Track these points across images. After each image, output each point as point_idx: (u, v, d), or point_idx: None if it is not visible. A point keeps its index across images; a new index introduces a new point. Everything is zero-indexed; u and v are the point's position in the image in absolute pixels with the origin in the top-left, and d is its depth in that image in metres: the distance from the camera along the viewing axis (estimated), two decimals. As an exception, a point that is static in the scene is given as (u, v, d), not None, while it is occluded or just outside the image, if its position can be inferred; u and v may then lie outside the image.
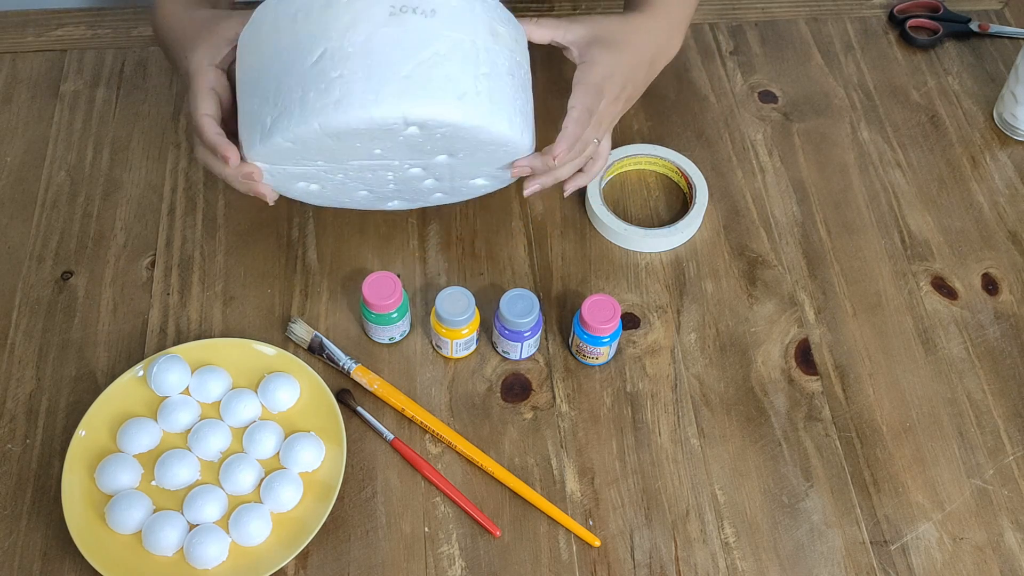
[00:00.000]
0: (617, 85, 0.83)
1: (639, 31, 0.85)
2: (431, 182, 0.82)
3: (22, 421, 0.83)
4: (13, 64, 1.06)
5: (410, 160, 0.77)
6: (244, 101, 0.75)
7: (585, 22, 0.83)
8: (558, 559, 0.77)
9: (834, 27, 1.13)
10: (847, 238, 0.95)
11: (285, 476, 0.78)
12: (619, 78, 0.83)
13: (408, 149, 0.75)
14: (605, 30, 0.83)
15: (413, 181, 0.81)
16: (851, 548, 0.78)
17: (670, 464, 0.82)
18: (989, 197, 0.99)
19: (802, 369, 0.87)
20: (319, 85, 0.70)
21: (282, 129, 0.71)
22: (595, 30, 0.83)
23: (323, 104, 0.69)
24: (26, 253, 0.92)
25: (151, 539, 0.75)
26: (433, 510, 0.79)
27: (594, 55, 0.82)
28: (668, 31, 0.89)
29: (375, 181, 0.81)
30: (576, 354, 0.86)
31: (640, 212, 0.97)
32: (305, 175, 0.78)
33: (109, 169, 0.98)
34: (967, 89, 1.08)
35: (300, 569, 0.76)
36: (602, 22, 0.84)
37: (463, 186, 0.84)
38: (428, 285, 0.91)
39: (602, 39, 0.82)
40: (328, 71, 0.70)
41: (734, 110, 1.05)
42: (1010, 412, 0.85)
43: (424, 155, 0.76)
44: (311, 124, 0.70)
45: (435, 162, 0.78)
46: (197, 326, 0.88)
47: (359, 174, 0.79)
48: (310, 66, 0.70)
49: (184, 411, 0.81)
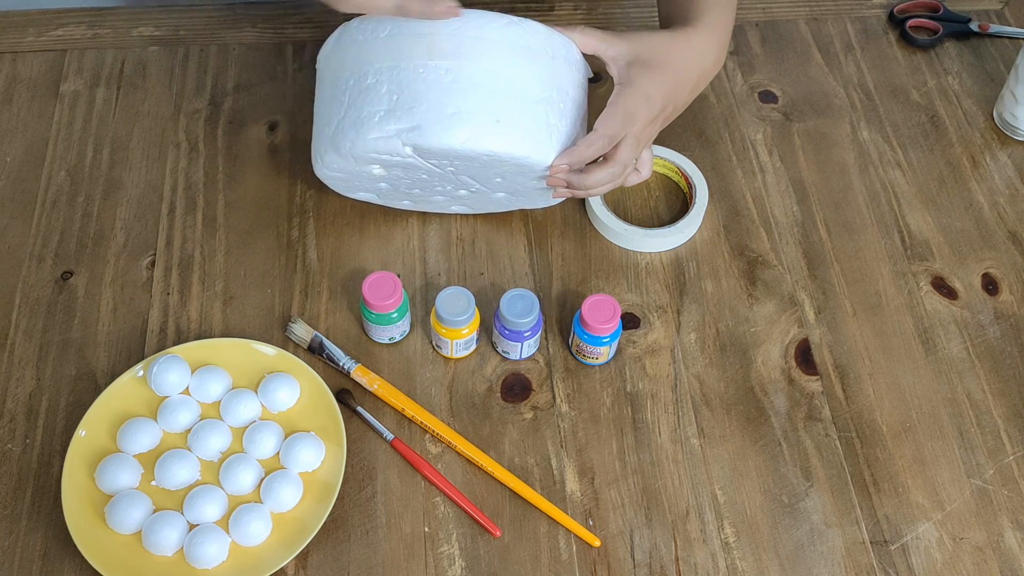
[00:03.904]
0: (656, 107, 0.81)
1: (685, 49, 0.83)
2: (466, 192, 0.90)
3: (22, 421, 0.83)
4: (13, 64, 1.06)
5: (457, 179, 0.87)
6: (368, 98, 0.81)
7: (629, 39, 0.82)
8: (558, 559, 0.77)
9: (834, 27, 1.13)
10: (847, 238, 0.95)
11: (285, 476, 0.78)
12: (658, 100, 0.81)
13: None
14: (648, 49, 0.81)
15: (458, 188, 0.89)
16: (851, 548, 0.78)
17: (670, 464, 0.82)
18: (989, 197, 0.99)
19: (802, 369, 0.87)
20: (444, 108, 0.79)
21: (419, 135, 0.79)
22: (637, 49, 0.81)
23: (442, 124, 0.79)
24: (26, 253, 0.92)
25: (151, 539, 0.75)
26: (433, 510, 0.79)
27: (633, 76, 0.80)
28: (717, 46, 0.85)
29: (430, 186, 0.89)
30: (576, 354, 0.86)
31: (640, 212, 0.97)
32: (382, 176, 0.86)
33: (109, 169, 0.98)
34: (967, 89, 1.08)
35: (300, 569, 0.76)
36: (646, 40, 0.82)
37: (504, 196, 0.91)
38: (428, 285, 0.91)
39: (644, 59, 0.81)
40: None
41: (734, 110, 1.05)
42: (1010, 412, 0.85)
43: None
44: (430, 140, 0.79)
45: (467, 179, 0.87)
46: (197, 326, 0.88)
47: (420, 178, 0.87)
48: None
49: (184, 411, 0.81)
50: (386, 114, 0.79)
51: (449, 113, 0.78)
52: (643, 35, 0.82)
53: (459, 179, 0.86)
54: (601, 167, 0.82)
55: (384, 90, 0.79)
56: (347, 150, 0.81)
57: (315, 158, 0.85)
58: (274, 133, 1.01)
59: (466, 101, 0.78)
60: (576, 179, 0.82)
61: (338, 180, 0.88)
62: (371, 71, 0.80)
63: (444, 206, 0.94)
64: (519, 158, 0.80)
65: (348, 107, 0.81)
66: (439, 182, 0.87)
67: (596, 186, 0.83)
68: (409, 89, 0.79)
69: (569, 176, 0.82)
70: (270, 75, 1.06)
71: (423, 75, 0.79)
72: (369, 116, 0.80)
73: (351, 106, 0.81)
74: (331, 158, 0.83)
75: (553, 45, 0.82)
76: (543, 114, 0.80)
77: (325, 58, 0.85)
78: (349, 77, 0.82)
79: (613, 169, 0.82)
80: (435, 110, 0.78)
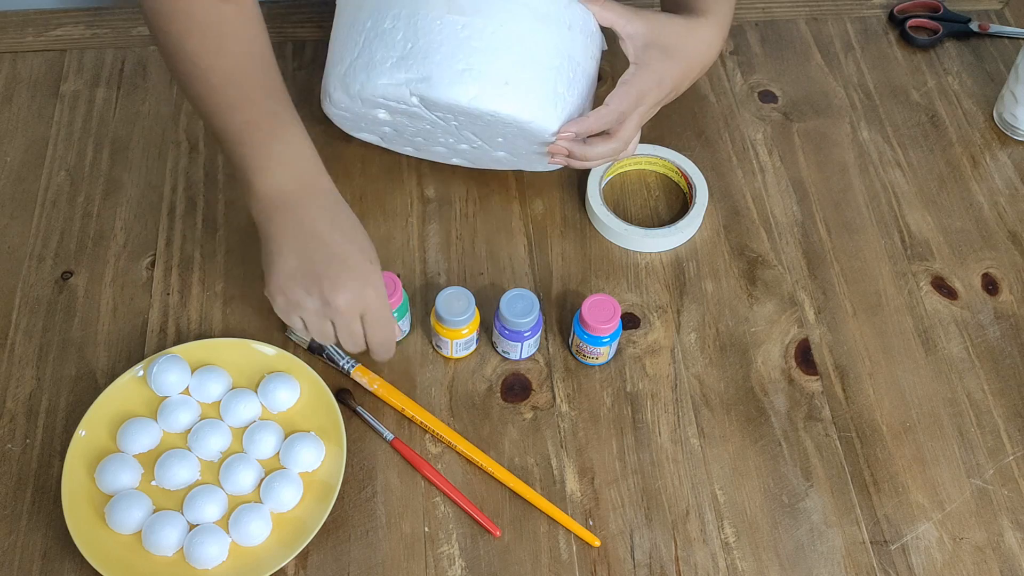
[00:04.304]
0: (666, 91, 0.84)
1: (698, 40, 0.85)
2: (466, 146, 0.90)
3: (22, 421, 0.83)
4: (13, 64, 1.06)
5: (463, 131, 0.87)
6: (377, 39, 0.81)
7: (648, 20, 0.83)
8: (558, 559, 0.77)
9: (834, 27, 1.13)
10: (847, 238, 0.95)
11: (285, 476, 0.78)
12: (668, 84, 0.84)
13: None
14: (666, 33, 0.83)
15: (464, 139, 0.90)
16: (851, 548, 0.78)
17: (670, 464, 0.82)
18: (989, 197, 0.99)
19: (802, 369, 0.87)
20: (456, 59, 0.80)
21: (423, 85, 0.80)
22: (655, 32, 0.83)
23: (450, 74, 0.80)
24: (26, 253, 0.92)
25: (151, 539, 0.75)
26: (433, 510, 0.79)
27: (649, 59, 0.82)
28: (721, 39, 0.88)
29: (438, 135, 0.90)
30: (576, 354, 0.86)
31: (640, 212, 0.97)
32: (386, 120, 0.87)
33: (109, 169, 0.98)
34: (967, 89, 1.08)
35: (300, 569, 0.76)
36: (664, 24, 0.84)
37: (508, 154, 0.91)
38: (428, 285, 0.91)
39: (660, 43, 0.83)
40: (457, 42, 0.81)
41: (734, 110, 1.05)
42: (1010, 412, 0.85)
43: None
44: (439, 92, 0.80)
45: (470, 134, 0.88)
46: (197, 326, 0.88)
47: (425, 127, 0.88)
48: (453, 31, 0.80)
49: (184, 411, 0.81)
50: (398, 61, 0.80)
51: (460, 69, 0.79)
52: (661, 18, 0.84)
53: (462, 133, 0.87)
54: (605, 141, 0.84)
55: (400, 36, 0.80)
56: (356, 91, 0.82)
57: (324, 95, 0.87)
58: (274, 133, 1.01)
59: (478, 59, 0.79)
60: (579, 149, 0.84)
61: (344, 119, 0.89)
62: (390, 15, 0.81)
63: (445, 157, 0.95)
64: (522, 121, 0.81)
65: (362, 48, 0.82)
66: (442, 134, 0.88)
67: (596, 159, 0.86)
68: (424, 39, 0.79)
69: (572, 145, 0.84)
70: (270, 75, 1.06)
71: (440, 27, 0.79)
72: (382, 60, 0.81)
73: (365, 48, 0.81)
74: (339, 96, 0.84)
75: (571, 14, 0.82)
76: (552, 82, 0.81)
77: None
78: (367, 18, 0.82)
79: (615, 145, 0.85)
80: (446, 64, 0.79)
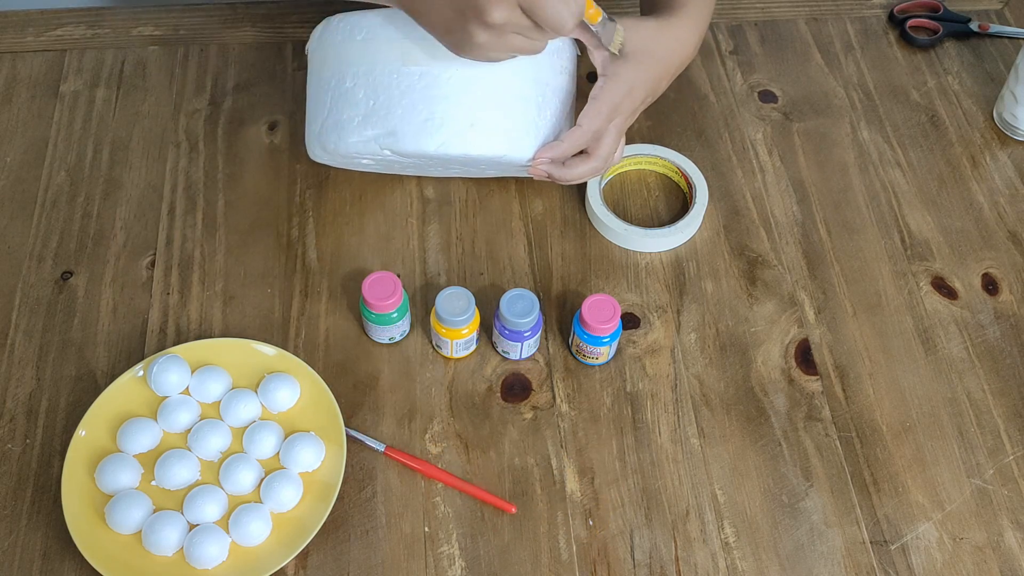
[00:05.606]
0: (638, 99, 0.82)
1: (670, 39, 0.83)
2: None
3: (22, 421, 0.83)
4: (13, 64, 1.06)
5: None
6: (356, 98, 0.82)
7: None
8: (558, 559, 0.77)
9: (834, 27, 1.13)
10: (847, 238, 0.95)
11: (285, 476, 0.78)
12: (641, 91, 0.82)
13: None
14: (634, 39, 0.80)
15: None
16: (851, 548, 0.78)
17: (670, 464, 0.82)
18: (989, 197, 0.99)
19: (802, 369, 0.87)
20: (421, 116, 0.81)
21: (396, 141, 0.81)
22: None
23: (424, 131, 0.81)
24: (26, 253, 0.92)
25: (151, 539, 0.75)
26: (433, 510, 0.79)
27: (617, 69, 0.80)
28: (697, 35, 0.86)
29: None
30: (576, 354, 0.86)
31: (640, 212, 0.97)
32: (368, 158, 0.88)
33: (109, 169, 0.98)
34: (967, 89, 1.08)
35: (300, 569, 0.76)
36: (632, 29, 0.80)
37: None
38: (428, 285, 0.91)
39: (627, 51, 0.80)
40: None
41: (734, 110, 1.05)
42: (1010, 412, 0.85)
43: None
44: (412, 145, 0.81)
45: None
46: (197, 326, 0.88)
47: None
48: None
49: (184, 411, 0.81)
50: (363, 119, 0.81)
51: (422, 119, 0.80)
52: (628, 24, 0.81)
53: (447, 167, 0.89)
54: (584, 161, 0.83)
55: (361, 95, 0.81)
56: (332, 149, 0.84)
57: (308, 146, 0.88)
58: (274, 133, 1.01)
59: (439, 107, 0.80)
60: (557, 172, 0.84)
61: (333, 163, 0.91)
62: (349, 74, 0.82)
63: (441, 174, 0.96)
64: (495, 157, 0.82)
65: (330, 109, 0.83)
66: (428, 167, 0.90)
67: (577, 179, 0.85)
68: (384, 94, 0.80)
69: (550, 168, 0.83)
70: (270, 75, 1.06)
71: (397, 80, 0.80)
72: (348, 120, 0.82)
73: (332, 108, 0.83)
74: (319, 152, 0.87)
75: None
76: (520, 111, 0.81)
77: (312, 50, 0.87)
78: (330, 77, 0.83)
79: (595, 163, 0.84)
80: (408, 116, 0.80)
